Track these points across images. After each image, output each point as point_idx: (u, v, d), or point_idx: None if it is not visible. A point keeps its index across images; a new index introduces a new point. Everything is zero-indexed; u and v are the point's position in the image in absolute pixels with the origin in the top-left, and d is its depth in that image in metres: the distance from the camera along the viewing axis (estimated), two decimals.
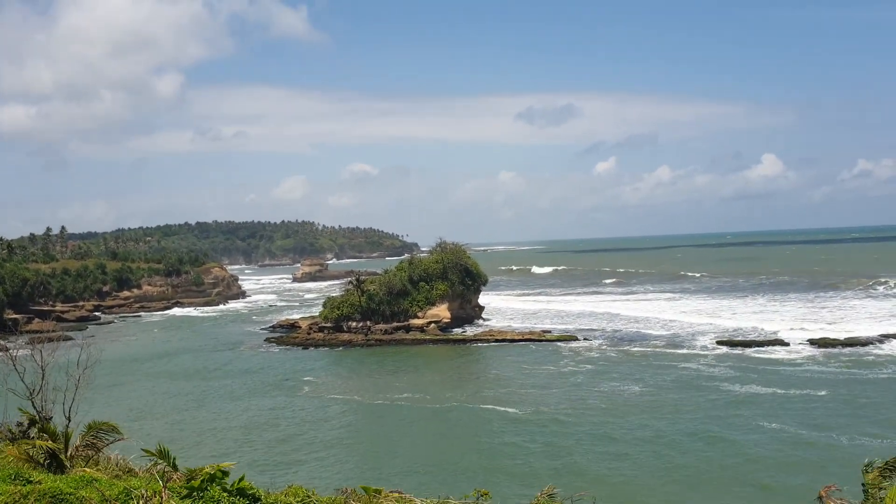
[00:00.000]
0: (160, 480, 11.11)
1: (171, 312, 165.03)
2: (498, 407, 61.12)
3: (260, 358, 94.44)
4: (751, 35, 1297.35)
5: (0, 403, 21.83)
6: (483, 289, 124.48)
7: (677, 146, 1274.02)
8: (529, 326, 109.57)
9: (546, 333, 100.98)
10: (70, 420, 19.91)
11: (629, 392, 65.26)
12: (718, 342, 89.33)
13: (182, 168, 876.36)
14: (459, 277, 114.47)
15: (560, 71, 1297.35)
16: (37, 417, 20.40)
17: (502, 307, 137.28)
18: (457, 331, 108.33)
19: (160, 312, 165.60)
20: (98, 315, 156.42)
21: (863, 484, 15.22)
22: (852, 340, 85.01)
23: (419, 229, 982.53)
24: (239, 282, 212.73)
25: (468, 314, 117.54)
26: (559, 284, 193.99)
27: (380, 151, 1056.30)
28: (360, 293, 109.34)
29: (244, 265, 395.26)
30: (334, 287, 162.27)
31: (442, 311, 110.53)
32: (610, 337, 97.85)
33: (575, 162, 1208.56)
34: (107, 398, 63.18)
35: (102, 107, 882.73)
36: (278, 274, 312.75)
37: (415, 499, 13.99)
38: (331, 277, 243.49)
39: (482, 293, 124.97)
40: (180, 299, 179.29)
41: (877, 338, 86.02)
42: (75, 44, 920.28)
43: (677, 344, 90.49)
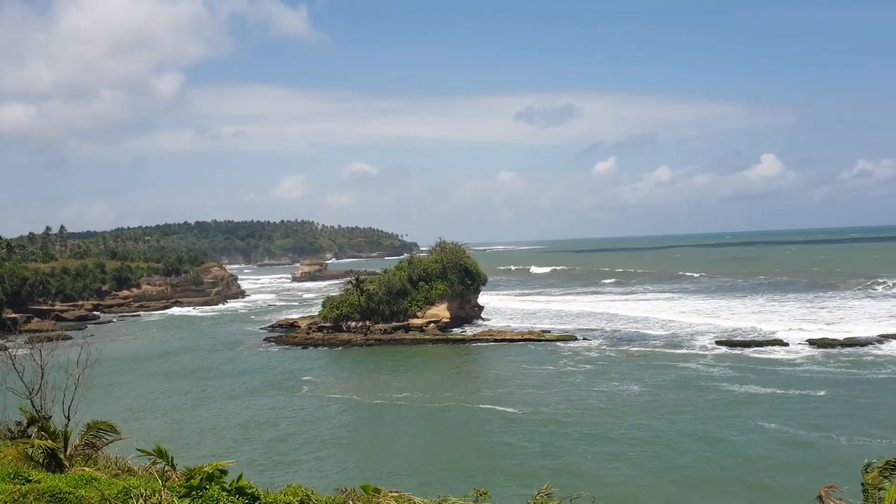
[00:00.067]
0: (159, 479, 11.10)
1: (171, 312, 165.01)
2: (497, 407, 61.13)
3: (259, 357, 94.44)
4: (751, 35, 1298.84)
5: None
6: (482, 289, 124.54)
7: (677, 146, 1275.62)
8: (529, 326, 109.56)
9: (545, 333, 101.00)
10: (69, 419, 19.92)
11: (628, 392, 65.26)
12: (717, 342, 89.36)
13: (182, 167, 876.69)
14: (459, 277, 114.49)
15: (560, 71, 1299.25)
16: (36, 416, 20.40)
17: (501, 307, 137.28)
18: (456, 330, 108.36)
19: (159, 312, 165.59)
20: (97, 314, 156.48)
21: (862, 484, 15.21)
22: (851, 340, 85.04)
23: (419, 229, 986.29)
24: (238, 281, 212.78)
25: (467, 314, 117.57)
26: (558, 284, 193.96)
27: (380, 151, 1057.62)
28: (360, 293, 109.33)
29: (243, 265, 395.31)
30: (333, 287, 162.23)
31: (441, 311, 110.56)
32: (609, 337, 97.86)
33: (575, 162, 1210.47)
34: (106, 397, 63.10)
35: (102, 106, 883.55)
36: (277, 273, 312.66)
37: (414, 498, 13.98)
38: (330, 277, 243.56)
39: (481, 293, 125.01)
40: (179, 299, 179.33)
41: (876, 338, 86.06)
42: (75, 43, 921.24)
43: (676, 344, 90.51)
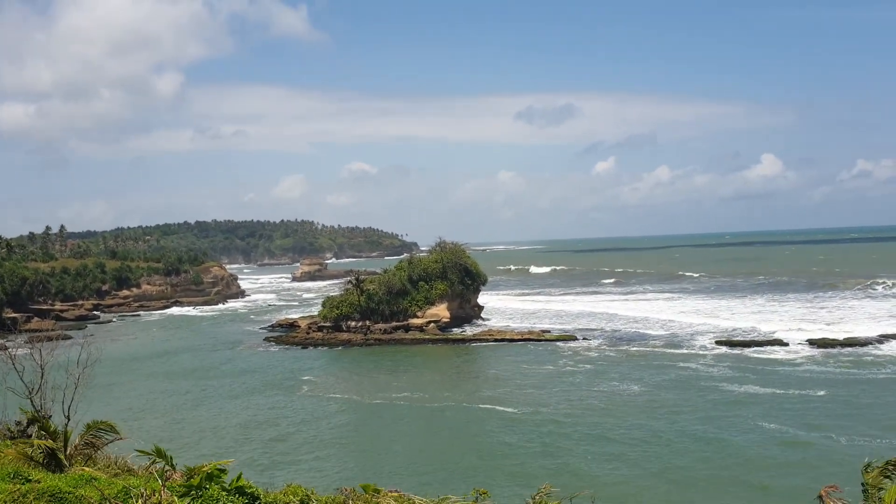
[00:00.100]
0: (159, 479, 11.10)
1: (171, 311, 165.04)
2: (497, 407, 61.14)
3: (259, 357, 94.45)
4: (751, 35, 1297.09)
5: None
6: (482, 288, 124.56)
7: (677, 146, 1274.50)
8: (528, 326, 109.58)
9: (545, 333, 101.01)
10: (69, 419, 19.91)
11: (628, 392, 65.27)
12: (717, 342, 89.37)
13: (181, 167, 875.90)
14: (459, 277, 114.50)
15: (560, 71, 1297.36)
16: (36, 416, 20.39)
17: (501, 307, 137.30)
18: (456, 330, 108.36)
19: (159, 311, 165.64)
20: (97, 314, 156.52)
21: (862, 484, 15.19)
22: (851, 341, 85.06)
23: (419, 229, 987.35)
24: (238, 281, 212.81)
25: (467, 314, 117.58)
26: (558, 284, 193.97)
27: (379, 151, 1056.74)
28: (360, 293, 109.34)
29: (243, 264, 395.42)
30: (333, 286, 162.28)
31: (441, 311, 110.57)
32: (609, 337, 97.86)
33: (574, 162, 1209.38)
34: (106, 397, 63.10)
35: (102, 105, 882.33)
36: (277, 273, 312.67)
37: (414, 498, 13.97)
38: (330, 277, 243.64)
39: (481, 293, 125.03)
40: (179, 298, 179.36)
41: (876, 338, 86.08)
42: (75, 43, 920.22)
43: (676, 344, 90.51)
